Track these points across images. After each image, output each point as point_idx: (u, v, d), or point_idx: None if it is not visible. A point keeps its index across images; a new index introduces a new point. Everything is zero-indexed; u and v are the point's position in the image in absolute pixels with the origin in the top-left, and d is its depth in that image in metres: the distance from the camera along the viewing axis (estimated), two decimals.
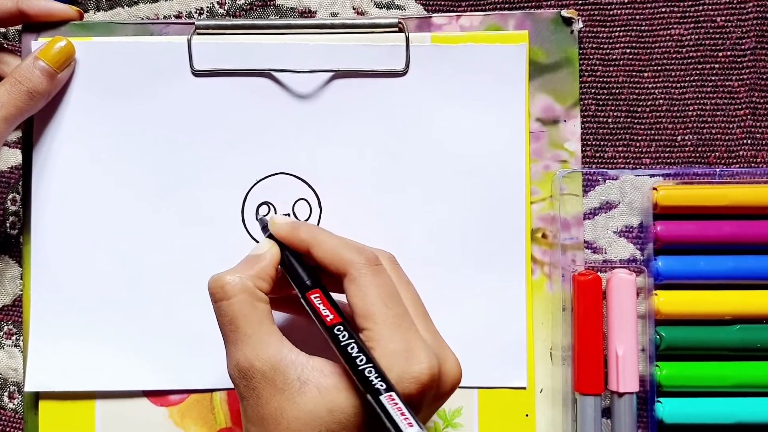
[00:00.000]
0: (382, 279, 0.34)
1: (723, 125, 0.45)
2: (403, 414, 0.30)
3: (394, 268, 0.37)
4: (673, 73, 0.45)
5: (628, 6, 0.45)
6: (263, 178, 0.44)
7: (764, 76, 0.45)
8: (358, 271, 0.34)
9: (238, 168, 0.44)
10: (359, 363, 0.32)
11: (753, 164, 0.45)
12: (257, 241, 0.43)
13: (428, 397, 0.33)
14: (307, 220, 0.44)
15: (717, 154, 0.45)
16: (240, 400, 0.34)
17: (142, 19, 0.46)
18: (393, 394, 0.31)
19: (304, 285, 0.36)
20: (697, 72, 0.45)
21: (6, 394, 0.45)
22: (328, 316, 0.34)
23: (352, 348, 0.33)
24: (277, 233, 0.37)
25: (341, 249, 0.35)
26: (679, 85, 0.45)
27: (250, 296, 0.34)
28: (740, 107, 0.45)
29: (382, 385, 0.31)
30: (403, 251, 0.43)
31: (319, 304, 0.35)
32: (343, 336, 0.33)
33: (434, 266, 0.44)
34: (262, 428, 0.33)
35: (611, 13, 0.45)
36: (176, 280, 0.44)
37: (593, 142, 0.45)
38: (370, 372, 0.32)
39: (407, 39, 0.43)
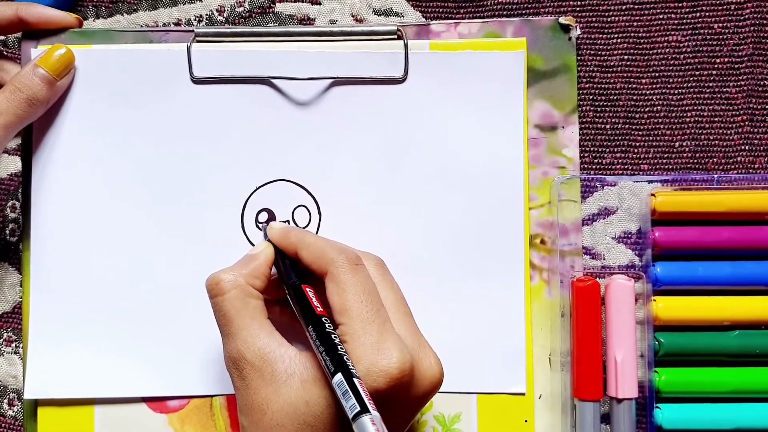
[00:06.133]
0: (360, 277, 0.35)
1: (721, 131, 0.45)
2: (370, 399, 0.31)
3: (380, 270, 0.38)
4: (670, 80, 0.45)
5: (626, 13, 0.45)
6: (263, 185, 0.44)
7: (762, 83, 0.45)
8: (338, 269, 0.35)
9: (238, 175, 0.44)
10: (339, 350, 0.33)
11: (751, 170, 0.45)
12: None
13: (400, 395, 0.34)
14: (306, 226, 0.44)
15: (715, 160, 0.45)
16: (234, 390, 0.36)
17: (142, 26, 0.46)
18: (362, 382, 0.32)
19: (289, 282, 0.37)
20: (695, 78, 0.45)
21: (6, 401, 0.45)
22: (309, 308, 0.35)
23: (325, 337, 0.34)
24: (271, 237, 0.39)
25: (324, 249, 0.36)
26: (676, 92, 0.45)
27: (243, 292, 0.36)
28: (738, 113, 0.45)
29: (354, 370, 0.32)
30: (401, 257, 0.43)
31: (302, 297, 0.36)
32: (318, 326, 0.34)
33: (433, 272, 0.44)
34: (250, 417, 0.34)
35: (609, 19, 0.45)
36: (176, 286, 0.44)
37: (591, 149, 0.45)
38: (348, 359, 0.32)
39: (406, 46, 0.43)
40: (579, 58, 0.45)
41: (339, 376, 0.32)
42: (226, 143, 0.44)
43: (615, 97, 0.45)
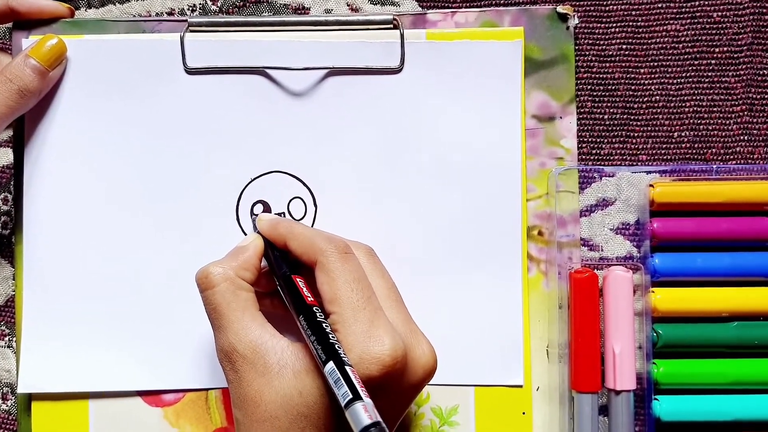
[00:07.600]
0: (350, 265, 0.35)
1: (720, 121, 0.45)
2: (362, 386, 0.31)
3: (370, 258, 0.38)
4: (669, 70, 0.45)
5: (624, 2, 0.45)
6: (258, 177, 0.44)
7: (761, 72, 0.45)
8: (327, 258, 0.35)
9: (233, 166, 0.44)
10: (330, 339, 0.33)
11: (750, 161, 0.45)
12: None
13: (393, 382, 0.34)
14: (302, 218, 0.44)
15: (714, 150, 0.45)
16: (227, 383, 0.36)
17: (134, 16, 0.46)
18: (354, 370, 0.32)
19: (279, 272, 0.37)
20: (694, 68, 0.45)
21: None
22: (300, 298, 0.35)
23: (316, 326, 0.34)
24: (260, 228, 0.39)
25: (313, 239, 0.37)
26: (675, 82, 0.45)
27: (233, 285, 0.36)
28: (737, 103, 0.45)
29: (346, 358, 0.32)
30: (398, 248, 0.43)
31: (292, 287, 0.36)
32: (308, 316, 0.34)
33: (430, 264, 0.43)
34: (244, 410, 0.34)
35: (607, 8, 0.45)
36: (170, 279, 0.43)
37: (589, 139, 0.45)
38: (339, 347, 0.32)
39: (402, 36, 0.43)
40: (577, 47, 0.45)
41: (331, 365, 0.32)
42: (220, 134, 0.43)
43: (613, 87, 0.45)
